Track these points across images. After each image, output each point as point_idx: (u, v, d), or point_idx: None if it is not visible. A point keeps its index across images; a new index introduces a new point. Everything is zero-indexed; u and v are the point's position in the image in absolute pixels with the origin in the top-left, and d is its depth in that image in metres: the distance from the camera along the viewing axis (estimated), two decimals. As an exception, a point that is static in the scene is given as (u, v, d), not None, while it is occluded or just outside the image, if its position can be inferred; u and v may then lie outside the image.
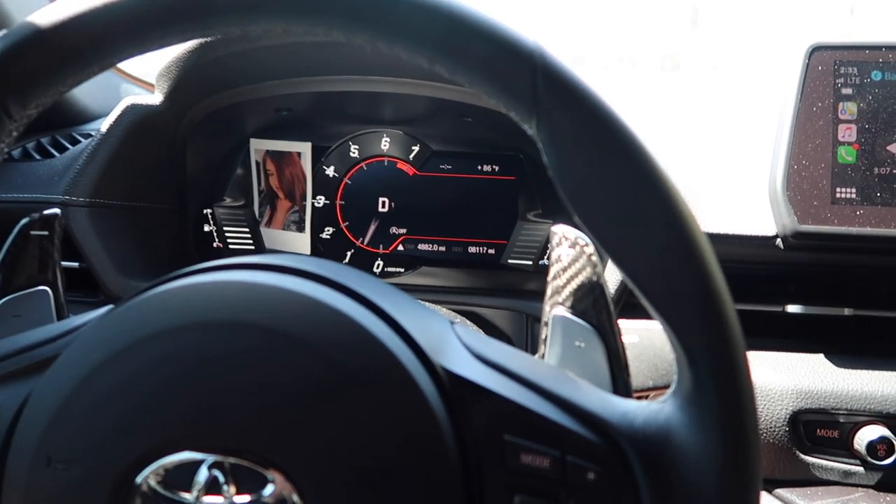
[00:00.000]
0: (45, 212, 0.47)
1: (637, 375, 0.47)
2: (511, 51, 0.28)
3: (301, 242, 0.94)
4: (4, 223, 0.50)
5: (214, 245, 0.95)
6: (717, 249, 0.28)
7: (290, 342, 0.29)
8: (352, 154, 0.93)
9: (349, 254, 0.93)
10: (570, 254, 0.40)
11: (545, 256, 0.90)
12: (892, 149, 0.66)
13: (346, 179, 0.93)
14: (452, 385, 0.30)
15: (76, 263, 0.79)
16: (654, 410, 0.29)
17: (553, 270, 0.41)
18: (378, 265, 0.93)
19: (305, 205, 0.93)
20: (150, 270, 0.82)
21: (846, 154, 0.66)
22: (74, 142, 0.89)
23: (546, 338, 0.40)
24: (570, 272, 0.40)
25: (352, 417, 0.28)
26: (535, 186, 0.90)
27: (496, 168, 0.91)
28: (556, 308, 0.40)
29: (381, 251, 0.93)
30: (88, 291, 0.80)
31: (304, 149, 0.93)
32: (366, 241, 0.93)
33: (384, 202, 0.92)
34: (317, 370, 0.28)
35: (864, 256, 0.69)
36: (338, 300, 0.30)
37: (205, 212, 0.94)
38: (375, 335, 0.29)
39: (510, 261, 0.91)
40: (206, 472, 0.28)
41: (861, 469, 0.63)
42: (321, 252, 0.94)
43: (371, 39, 0.29)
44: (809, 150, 0.66)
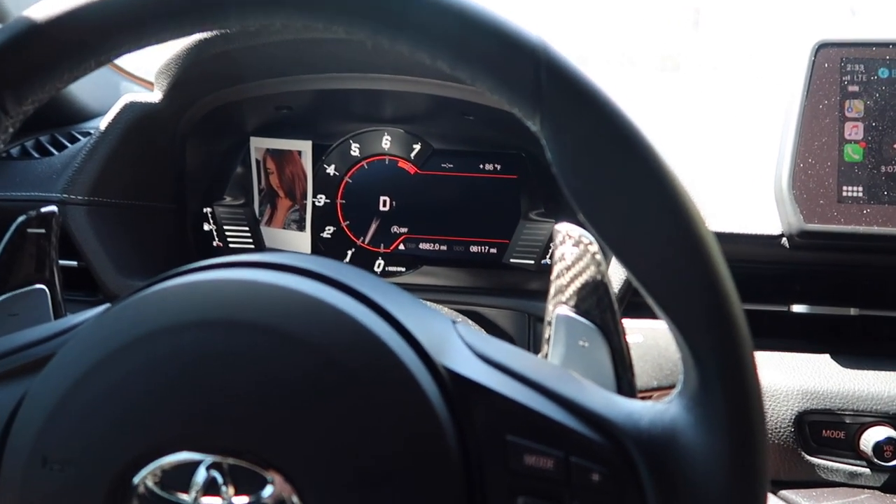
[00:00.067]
0: (43, 209, 0.47)
1: (641, 375, 0.47)
2: (514, 46, 0.27)
3: (301, 241, 0.93)
4: (2, 221, 0.49)
5: (214, 244, 0.94)
6: (722, 248, 0.27)
7: (290, 341, 0.28)
8: (353, 152, 0.92)
9: (350, 253, 0.93)
10: (574, 252, 0.40)
11: (547, 256, 0.89)
12: (899, 147, 0.65)
13: (347, 178, 0.93)
14: (454, 384, 0.29)
15: (74, 262, 0.78)
16: (660, 411, 0.29)
17: (556, 269, 0.41)
18: (379, 264, 0.92)
19: (306, 203, 0.93)
20: (149, 269, 0.82)
21: (853, 152, 0.66)
22: (73, 140, 0.89)
23: (549, 337, 0.40)
24: (574, 271, 0.40)
25: (352, 417, 0.27)
26: (538, 185, 0.89)
27: (498, 167, 0.90)
28: (560, 307, 0.40)
29: (382, 250, 0.92)
30: (87, 290, 0.80)
31: (305, 147, 0.92)
32: (367, 241, 0.93)
33: (385, 201, 0.92)
34: (317, 369, 0.28)
35: (871, 256, 0.68)
36: (338, 299, 0.30)
37: (205, 210, 0.94)
38: (376, 334, 0.29)
39: (512, 260, 0.90)
40: (205, 473, 0.28)
41: (867, 470, 0.63)
42: (322, 251, 0.93)
43: (373, 35, 0.28)
44: (815, 149, 0.66)
